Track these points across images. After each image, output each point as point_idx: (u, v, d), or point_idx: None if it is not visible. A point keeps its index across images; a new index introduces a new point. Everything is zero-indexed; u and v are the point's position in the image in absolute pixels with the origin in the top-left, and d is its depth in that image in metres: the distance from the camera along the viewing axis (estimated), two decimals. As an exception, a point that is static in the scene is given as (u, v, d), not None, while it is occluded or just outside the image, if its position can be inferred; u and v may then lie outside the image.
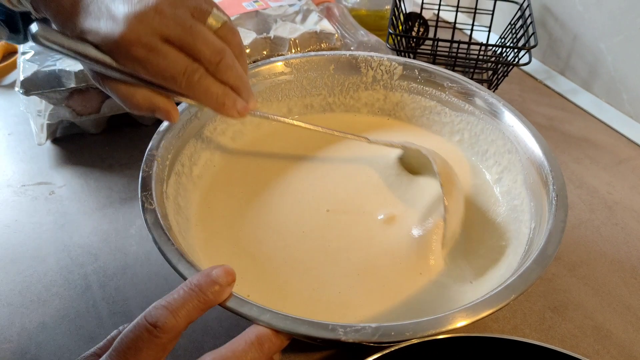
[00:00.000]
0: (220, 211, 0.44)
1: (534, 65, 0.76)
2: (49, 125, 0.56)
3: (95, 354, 0.30)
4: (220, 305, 0.31)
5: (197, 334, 0.41)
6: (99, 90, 0.56)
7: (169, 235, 0.35)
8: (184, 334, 0.30)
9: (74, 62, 0.54)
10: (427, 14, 0.81)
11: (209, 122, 0.47)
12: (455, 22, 0.75)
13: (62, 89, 0.54)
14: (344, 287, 0.39)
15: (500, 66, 0.64)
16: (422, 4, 0.76)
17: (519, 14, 0.69)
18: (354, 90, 0.54)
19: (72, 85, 0.54)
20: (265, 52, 0.61)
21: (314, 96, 0.54)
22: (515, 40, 0.68)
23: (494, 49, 0.73)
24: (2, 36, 0.41)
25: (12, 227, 0.50)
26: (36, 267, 0.46)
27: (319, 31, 0.62)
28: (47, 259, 0.47)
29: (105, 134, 0.60)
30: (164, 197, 0.39)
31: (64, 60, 0.54)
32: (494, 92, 0.67)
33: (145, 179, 0.39)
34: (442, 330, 0.30)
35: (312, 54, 0.53)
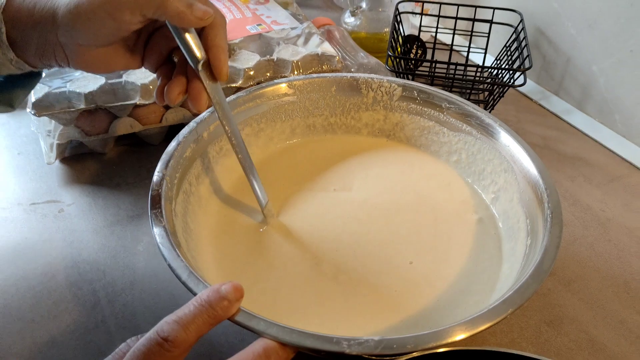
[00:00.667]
0: (228, 229, 0.46)
1: (529, 86, 0.78)
2: (59, 145, 0.58)
3: None
4: (229, 319, 0.32)
5: (205, 348, 0.43)
6: (107, 111, 0.58)
7: (178, 252, 0.36)
8: (193, 348, 0.31)
9: (83, 83, 0.56)
10: (425, 36, 0.83)
11: (214, 141, 0.49)
12: (452, 44, 0.77)
13: (72, 109, 0.55)
14: (350, 308, 0.40)
15: (496, 87, 0.66)
16: (420, 26, 0.78)
17: (514, 36, 0.71)
18: (355, 110, 0.56)
19: (82, 106, 0.55)
20: (268, 74, 0.63)
21: (316, 117, 0.56)
22: (510, 62, 0.70)
23: (490, 70, 0.76)
24: None
25: (22, 244, 0.51)
26: (46, 283, 0.48)
27: (320, 53, 0.64)
28: (57, 276, 0.48)
29: (112, 153, 0.62)
30: (173, 214, 0.41)
31: (73, 81, 0.56)
32: (490, 112, 0.69)
33: (154, 197, 0.40)
34: (442, 343, 0.32)
35: (315, 75, 0.55)
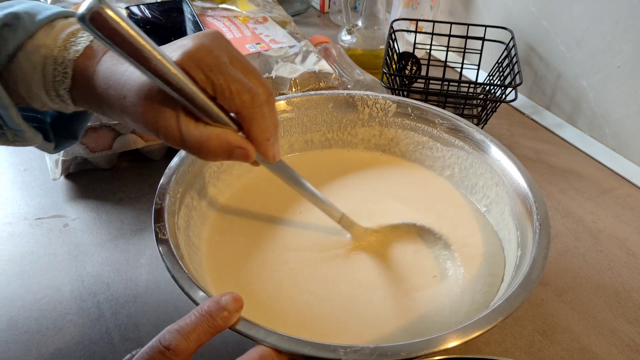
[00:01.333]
0: (229, 242, 0.47)
1: (521, 100, 0.80)
2: (64, 161, 0.59)
3: None
4: (230, 328, 0.34)
5: (205, 357, 0.44)
6: (111, 128, 0.59)
7: (181, 264, 0.38)
8: (193, 356, 0.33)
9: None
10: (419, 53, 0.86)
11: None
12: (446, 61, 0.80)
13: (77, 127, 0.57)
14: (342, 320, 0.42)
15: (488, 102, 0.68)
16: (415, 43, 0.81)
17: (505, 53, 0.73)
18: (352, 126, 0.58)
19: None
20: (267, 91, 0.65)
21: (314, 132, 0.57)
22: (502, 78, 0.72)
23: (483, 86, 0.78)
24: (36, 142, 0.40)
25: (28, 258, 0.53)
26: (51, 296, 0.49)
27: (317, 71, 0.66)
28: (62, 288, 0.50)
29: (116, 169, 0.64)
30: (176, 228, 0.42)
31: (79, 100, 0.58)
32: (483, 127, 0.71)
33: (158, 211, 0.42)
34: (435, 350, 0.33)
35: (312, 93, 0.57)
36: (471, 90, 0.79)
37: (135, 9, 0.72)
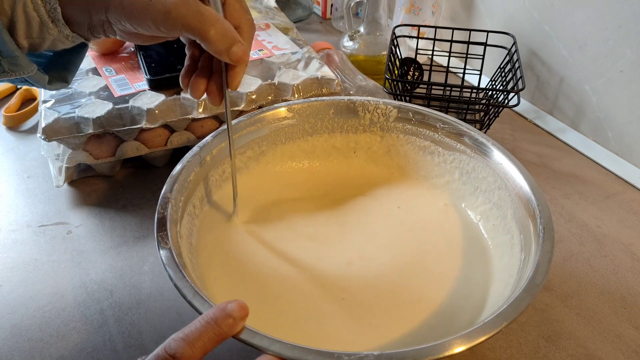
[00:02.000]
0: (231, 250, 0.47)
1: (524, 105, 0.80)
2: (67, 168, 0.59)
3: None
4: (233, 337, 0.33)
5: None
6: (114, 135, 0.60)
7: (183, 272, 0.38)
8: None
9: (91, 109, 0.58)
10: (421, 59, 0.86)
11: (217, 165, 0.51)
12: (448, 66, 0.80)
13: (80, 134, 0.57)
14: (349, 328, 0.42)
15: (491, 108, 0.68)
16: (417, 49, 0.81)
17: (507, 58, 0.73)
18: (353, 132, 0.58)
19: (90, 131, 0.57)
20: (270, 98, 0.65)
21: (315, 139, 0.57)
22: (504, 83, 0.72)
23: (485, 91, 0.78)
24: (31, 70, 0.40)
25: (31, 265, 0.53)
26: (55, 303, 0.49)
27: (320, 77, 0.66)
28: (65, 295, 0.50)
29: (118, 176, 0.64)
30: (178, 236, 0.42)
31: (82, 107, 0.58)
32: (486, 132, 0.71)
33: (160, 220, 0.42)
34: (440, 356, 0.33)
35: (313, 99, 0.57)
36: (473, 95, 0.79)
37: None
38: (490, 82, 0.79)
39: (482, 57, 0.77)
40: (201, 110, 0.61)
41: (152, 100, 0.60)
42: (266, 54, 0.71)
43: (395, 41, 0.74)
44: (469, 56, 0.77)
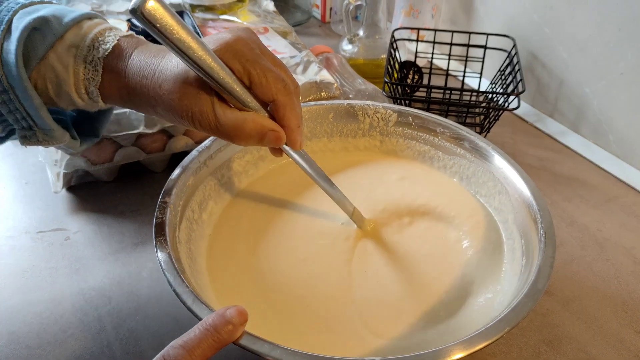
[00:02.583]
0: (230, 253, 0.47)
1: (524, 108, 0.80)
2: (65, 174, 0.59)
3: None
4: (233, 343, 0.33)
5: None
6: (112, 140, 0.59)
7: (182, 277, 0.37)
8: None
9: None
10: (421, 62, 0.86)
11: (216, 170, 0.50)
12: (447, 69, 0.80)
13: (78, 140, 0.57)
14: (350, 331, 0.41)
15: (491, 111, 0.68)
16: (416, 52, 0.81)
17: (507, 61, 0.73)
18: (352, 136, 0.57)
19: (88, 136, 0.57)
20: (268, 102, 0.65)
21: (314, 143, 0.57)
22: (504, 86, 0.72)
23: (485, 94, 0.77)
24: (64, 139, 0.41)
25: (29, 271, 0.52)
26: (52, 310, 0.48)
27: (319, 81, 0.66)
28: (63, 302, 0.49)
29: (117, 181, 0.64)
30: (177, 241, 0.42)
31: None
32: (486, 135, 0.71)
33: (159, 225, 0.41)
34: (442, 362, 0.32)
35: (312, 103, 0.57)
36: (473, 98, 0.79)
37: (136, 21, 0.72)
38: (490, 85, 0.79)
39: (482, 60, 0.77)
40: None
41: (150, 105, 0.60)
42: (265, 58, 0.71)
43: (394, 44, 0.74)
44: (468, 59, 0.77)
